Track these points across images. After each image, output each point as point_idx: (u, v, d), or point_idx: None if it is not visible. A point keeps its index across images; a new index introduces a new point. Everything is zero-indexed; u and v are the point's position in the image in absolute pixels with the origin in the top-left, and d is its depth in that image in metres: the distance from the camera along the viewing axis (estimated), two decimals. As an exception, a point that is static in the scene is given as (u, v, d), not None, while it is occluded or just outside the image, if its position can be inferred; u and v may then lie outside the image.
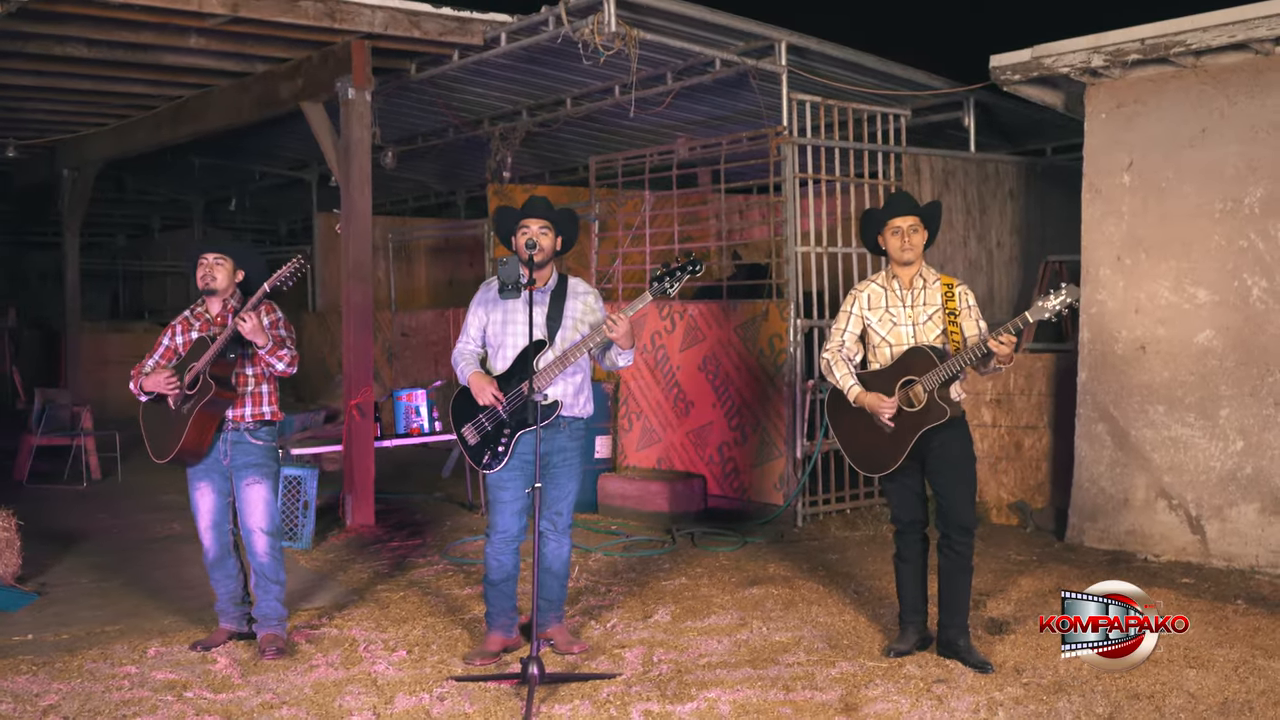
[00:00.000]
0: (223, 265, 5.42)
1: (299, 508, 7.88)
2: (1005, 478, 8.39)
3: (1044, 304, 4.73)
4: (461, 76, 9.73)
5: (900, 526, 5.25)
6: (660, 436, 9.24)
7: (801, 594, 6.33)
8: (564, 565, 5.39)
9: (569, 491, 5.28)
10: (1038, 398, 8.28)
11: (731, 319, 8.73)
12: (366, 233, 8.36)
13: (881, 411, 5.02)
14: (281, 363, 5.32)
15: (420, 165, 13.85)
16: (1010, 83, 7.86)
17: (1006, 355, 4.78)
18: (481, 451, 5.19)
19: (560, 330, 5.21)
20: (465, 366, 5.28)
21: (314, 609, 6.24)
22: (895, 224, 5.10)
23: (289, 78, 8.83)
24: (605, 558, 7.35)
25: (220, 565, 5.54)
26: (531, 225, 5.19)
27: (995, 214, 9.74)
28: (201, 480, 5.43)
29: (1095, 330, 7.60)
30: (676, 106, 10.11)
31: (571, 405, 5.22)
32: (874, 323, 5.19)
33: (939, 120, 9.97)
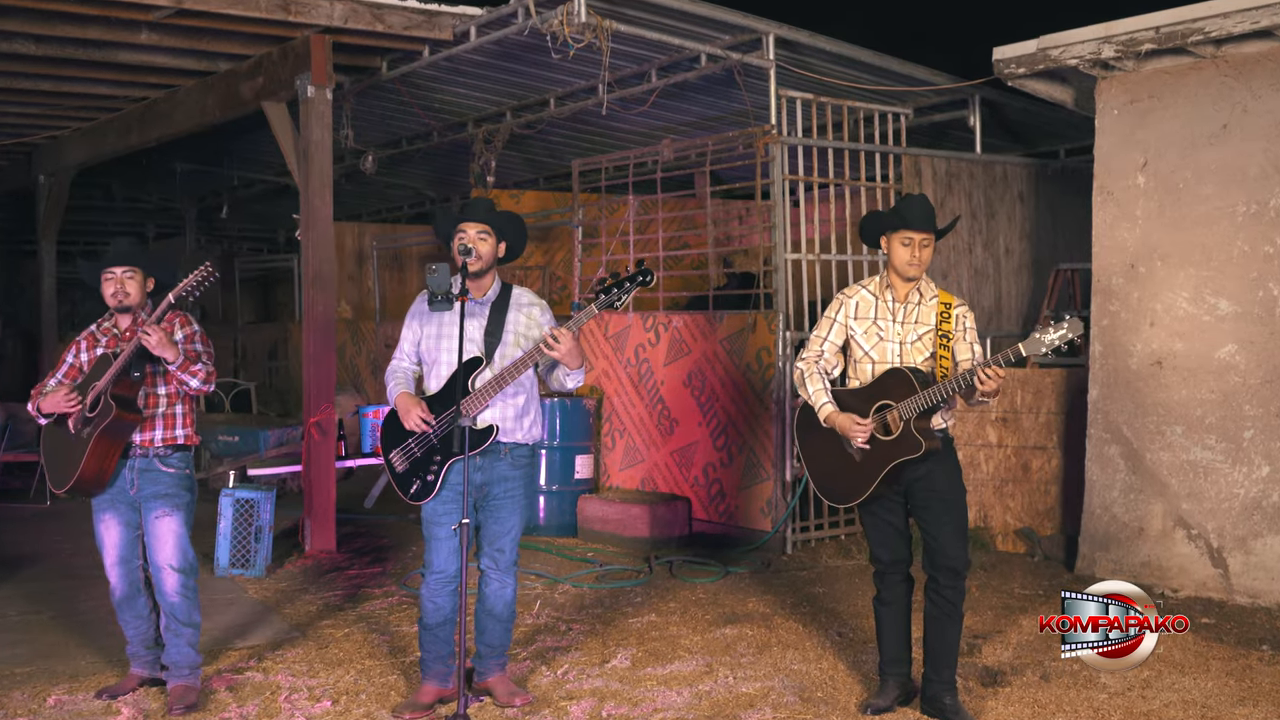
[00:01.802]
0: (133, 278, 4.90)
1: (251, 533, 7.38)
2: (1012, 502, 7.80)
3: (1041, 337, 4.14)
4: (438, 75, 9.24)
5: (880, 567, 4.68)
6: (644, 456, 8.69)
7: (779, 635, 5.76)
8: (507, 607, 4.84)
9: (512, 526, 4.73)
10: (1046, 416, 7.68)
11: (718, 331, 8.17)
12: (329, 239, 7.85)
13: (853, 436, 4.46)
14: (195, 379, 4.81)
15: (410, 171, 13.39)
16: (1015, 77, 7.29)
17: (992, 390, 4.21)
18: (409, 480, 4.66)
19: (500, 346, 4.67)
20: (395, 386, 4.76)
21: (247, 648, 5.72)
22: (908, 235, 4.51)
23: (250, 76, 8.36)
24: (574, 589, 6.80)
25: (129, 605, 5.02)
26: (468, 230, 4.65)
27: (1003, 219, 9.15)
28: (106, 512, 4.92)
29: (1107, 344, 7.00)
30: (666, 108, 9.59)
31: (512, 430, 4.68)
32: (859, 334, 4.63)
33: (943, 120, 9.39)
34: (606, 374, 9.02)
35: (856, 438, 4.45)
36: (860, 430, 4.43)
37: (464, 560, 4.30)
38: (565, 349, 4.46)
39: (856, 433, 4.44)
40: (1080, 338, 4.16)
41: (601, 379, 9.05)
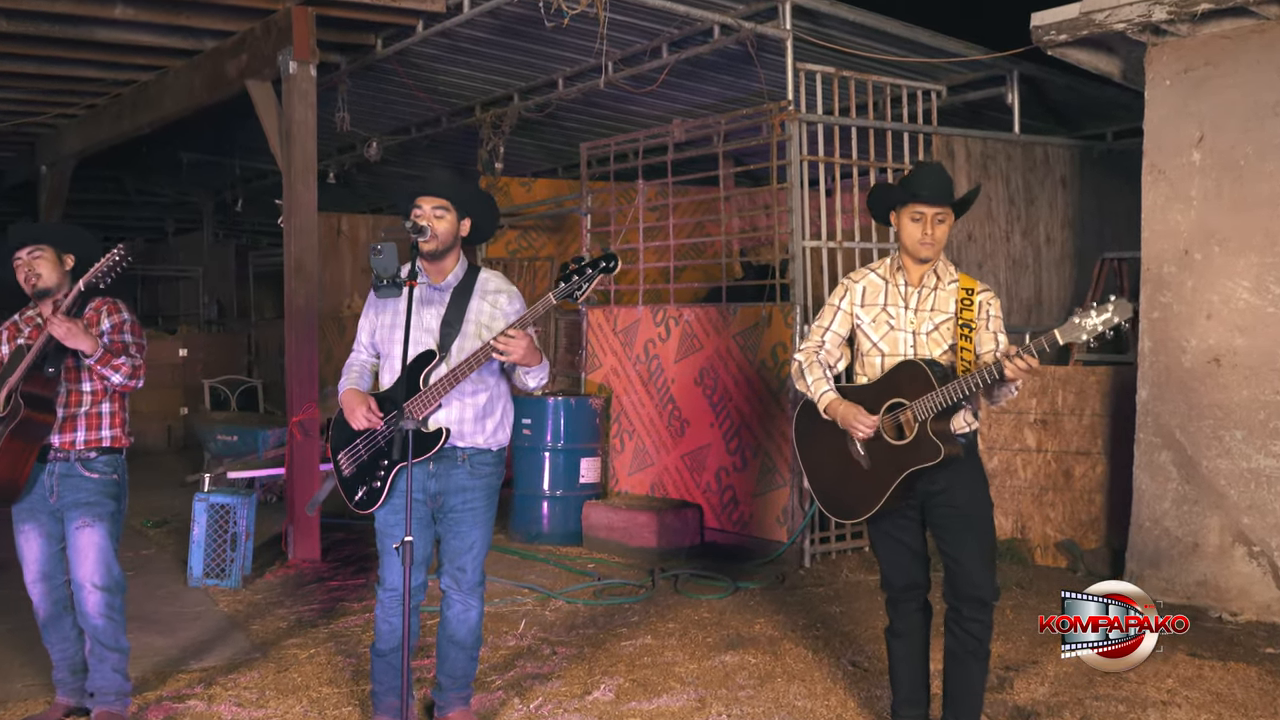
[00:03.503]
0: (42, 257, 4.37)
1: (227, 541, 6.87)
2: (1052, 512, 7.13)
3: (1082, 320, 3.50)
4: (438, 55, 8.71)
5: (892, 593, 4.06)
6: (654, 459, 8.10)
7: (785, 664, 5.14)
8: (471, 633, 4.27)
9: (473, 542, 4.17)
10: (1090, 418, 7.01)
11: (731, 325, 7.56)
12: (312, 227, 7.32)
13: (856, 428, 3.84)
14: (118, 374, 4.28)
15: (422, 160, 12.83)
16: (1055, 45, 6.62)
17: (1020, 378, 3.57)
18: (356, 486, 4.11)
19: (459, 338, 4.10)
20: (345, 381, 4.21)
21: (200, 670, 5.20)
22: (918, 209, 3.89)
23: (234, 54, 7.85)
24: (567, 606, 6.22)
25: (54, 626, 4.51)
26: (424, 205, 4.09)
27: (1044, 205, 8.46)
28: (26, 522, 4.41)
29: (1158, 339, 6.33)
30: (681, 88, 8.99)
31: (471, 433, 4.11)
32: (866, 323, 4.01)
33: (978, 99, 8.70)
34: (615, 371, 8.44)
35: (858, 431, 3.83)
36: (866, 423, 3.81)
37: (408, 581, 3.73)
38: (518, 350, 3.89)
39: (859, 426, 3.82)
40: (1128, 322, 3.51)
41: (610, 376, 8.48)
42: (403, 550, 3.70)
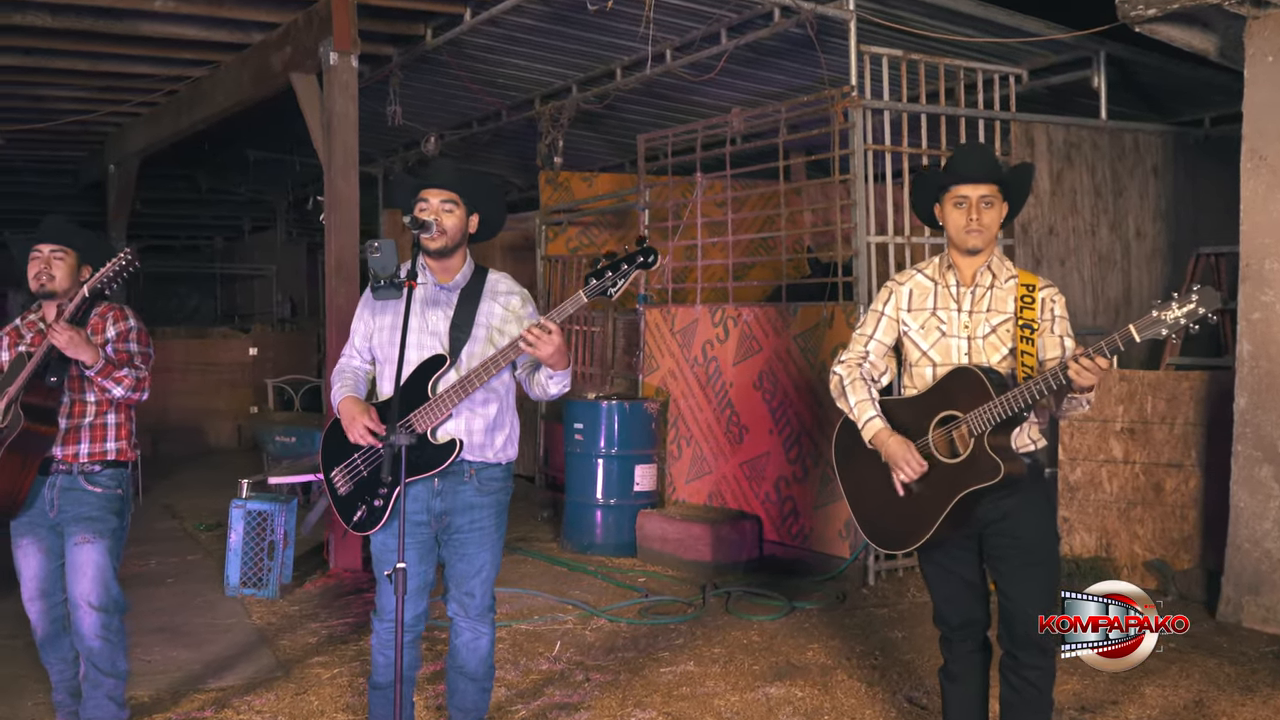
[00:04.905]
0: (63, 260, 4.14)
1: (264, 549, 6.65)
2: (1140, 528, 6.57)
3: (1161, 314, 3.02)
4: (491, 45, 8.40)
5: (946, 631, 3.61)
6: (711, 467, 7.70)
7: (835, 699, 4.72)
8: (482, 663, 3.93)
9: (482, 565, 3.82)
10: (1183, 428, 6.44)
11: (791, 326, 7.13)
12: (353, 223, 7.08)
13: (901, 471, 3.42)
14: (119, 387, 4.03)
15: (486, 156, 12.59)
16: (1144, 21, 6.06)
17: (1089, 383, 3.11)
18: (353, 505, 3.79)
19: (469, 343, 3.76)
20: (339, 389, 3.88)
21: (216, 690, 4.96)
22: (960, 192, 3.44)
23: (279, 46, 7.65)
24: (609, 624, 5.87)
25: (52, 646, 4.28)
26: (431, 199, 3.76)
27: (1134, 196, 7.86)
28: (24, 537, 4.18)
29: (1259, 342, 5.75)
30: (743, 76, 8.56)
31: (481, 446, 3.76)
32: (914, 329, 3.57)
33: (1061, 83, 8.10)
34: (673, 374, 8.05)
35: (901, 473, 3.41)
36: (911, 468, 3.39)
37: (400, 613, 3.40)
38: (549, 348, 3.53)
39: (906, 469, 3.40)
40: (1215, 315, 3.03)
41: (668, 379, 8.09)
42: (396, 577, 3.37)
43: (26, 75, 8.87)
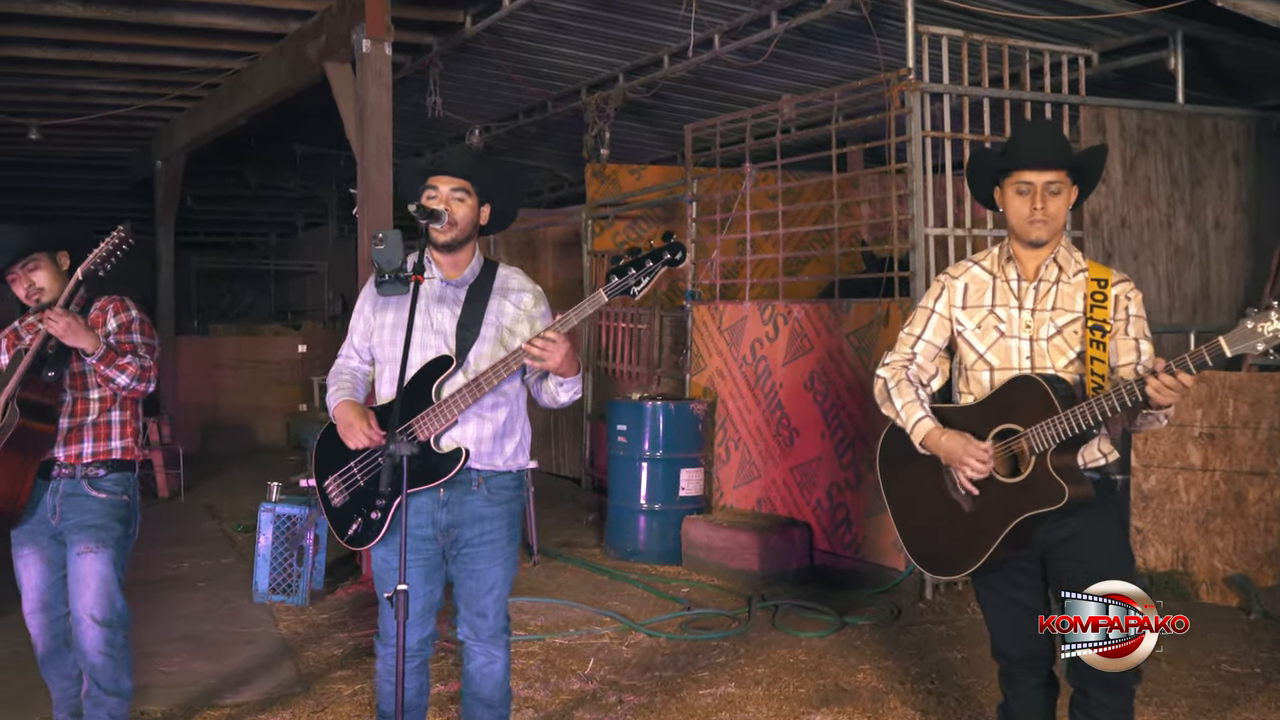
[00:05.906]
0: (39, 268, 3.89)
1: (294, 554, 6.43)
2: (1220, 541, 6.13)
3: (1258, 325, 2.64)
4: (534, 33, 8.12)
5: (1005, 664, 3.24)
6: (760, 471, 7.35)
7: (885, 727, 4.37)
8: (498, 688, 3.62)
9: (494, 582, 3.52)
10: (1268, 433, 5.99)
11: (844, 324, 6.76)
12: (387, 216, 6.83)
13: (966, 465, 3.04)
14: (123, 375, 3.78)
15: (535, 149, 12.33)
16: (1227, -6, 5.61)
17: (1169, 401, 2.73)
18: (349, 517, 3.49)
19: (477, 344, 3.45)
20: (336, 392, 3.58)
21: (232, 705, 4.74)
22: (1024, 178, 3.07)
23: (314, 35, 7.43)
24: (648, 639, 5.55)
25: (54, 661, 4.05)
26: (441, 187, 3.46)
27: (1213, 186, 7.37)
28: (25, 546, 3.95)
29: (1354, 342, 5.27)
30: (795, 62, 8.20)
31: (490, 454, 3.46)
32: (970, 329, 3.21)
33: (1134, 66, 7.62)
34: (721, 373, 7.71)
35: (968, 469, 3.03)
36: (977, 460, 3.01)
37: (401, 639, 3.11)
38: (557, 357, 3.22)
39: (970, 462, 3.02)
40: None
41: (715, 380, 7.75)
42: (396, 598, 3.07)
43: (65, 69, 8.76)
